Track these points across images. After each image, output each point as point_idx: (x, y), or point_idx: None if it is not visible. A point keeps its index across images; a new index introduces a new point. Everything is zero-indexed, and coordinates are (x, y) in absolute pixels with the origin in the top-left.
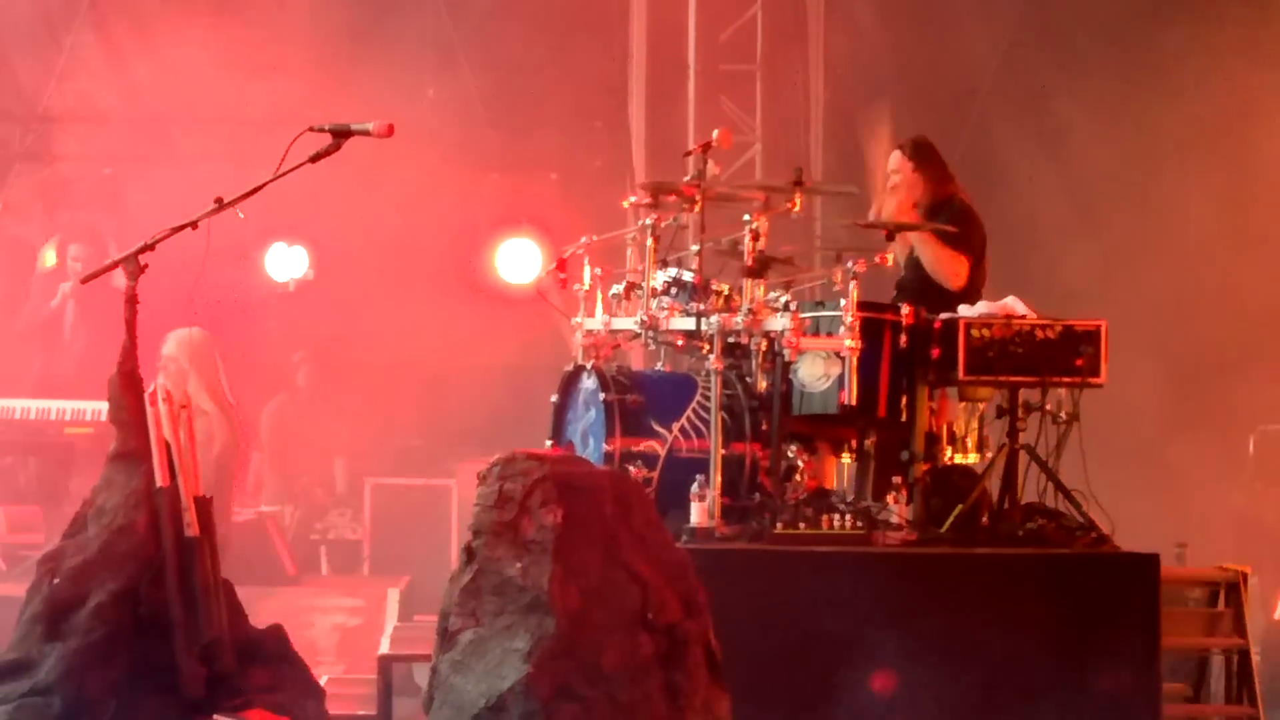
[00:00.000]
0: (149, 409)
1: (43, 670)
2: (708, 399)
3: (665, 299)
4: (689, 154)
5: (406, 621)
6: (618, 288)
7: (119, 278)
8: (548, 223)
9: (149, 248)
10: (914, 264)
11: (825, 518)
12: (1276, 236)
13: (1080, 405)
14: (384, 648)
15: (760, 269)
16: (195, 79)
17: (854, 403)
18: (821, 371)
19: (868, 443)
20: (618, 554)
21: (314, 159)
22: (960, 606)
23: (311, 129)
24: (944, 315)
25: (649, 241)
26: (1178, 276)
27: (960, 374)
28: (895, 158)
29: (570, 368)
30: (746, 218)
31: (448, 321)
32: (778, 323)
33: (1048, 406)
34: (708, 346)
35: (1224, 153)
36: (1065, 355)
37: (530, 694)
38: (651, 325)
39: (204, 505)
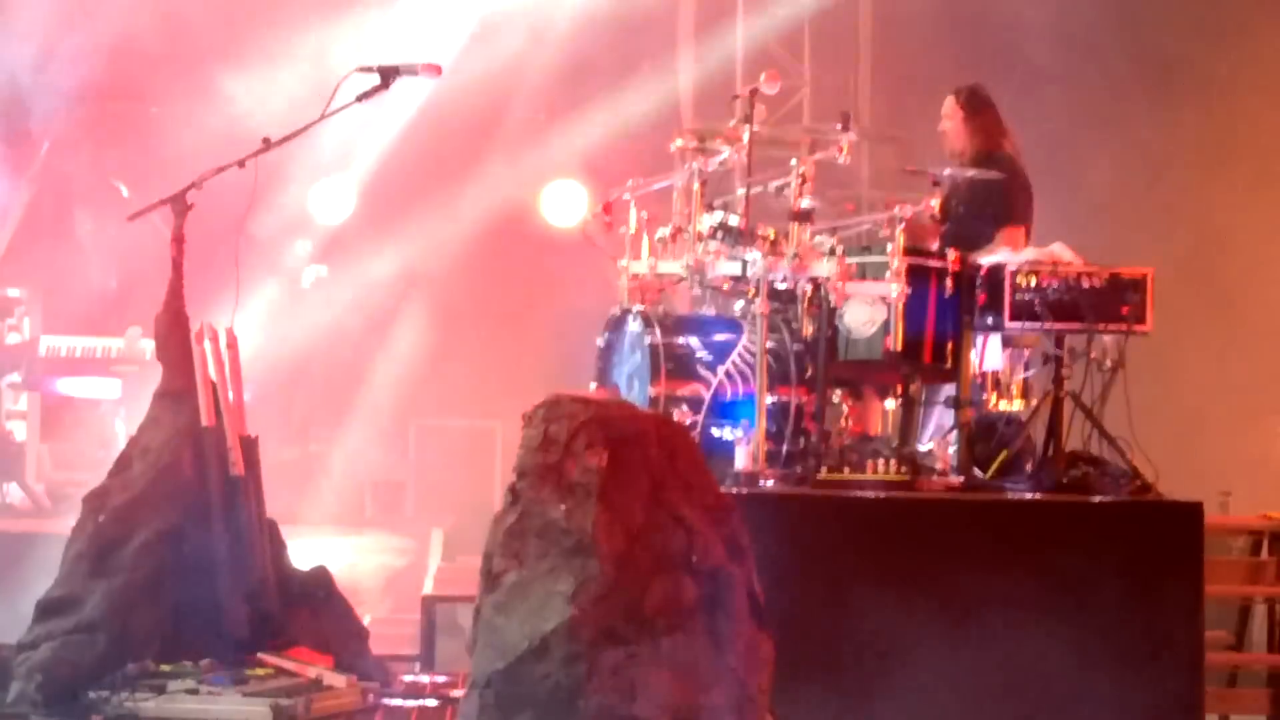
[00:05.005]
0: (195, 347)
1: (88, 607)
2: (753, 343)
3: (711, 243)
4: (736, 98)
5: (450, 562)
6: (664, 231)
7: None
8: (594, 166)
9: (195, 186)
10: (957, 212)
11: (869, 463)
12: None
13: (1125, 353)
14: (428, 588)
15: (807, 214)
16: (243, 18)
17: (899, 348)
18: (867, 317)
19: (913, 388)
20: (662, 497)
21: (361, 98)
22: (1004, 553)
23: (360, 69)
24: (990, 261)
25: (695, 185)
26: (1217, 227)
27: (1006, 320)
28: (948, 103)
29: (616, 311)
30: (794, 162)
31: (493, 263)
32: (824, 268)
33: (1093, 354)
34: (754, 291)
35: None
36: (1111, 303)
37: (573, 636)
38: (698, 269)
39: (249, 444)
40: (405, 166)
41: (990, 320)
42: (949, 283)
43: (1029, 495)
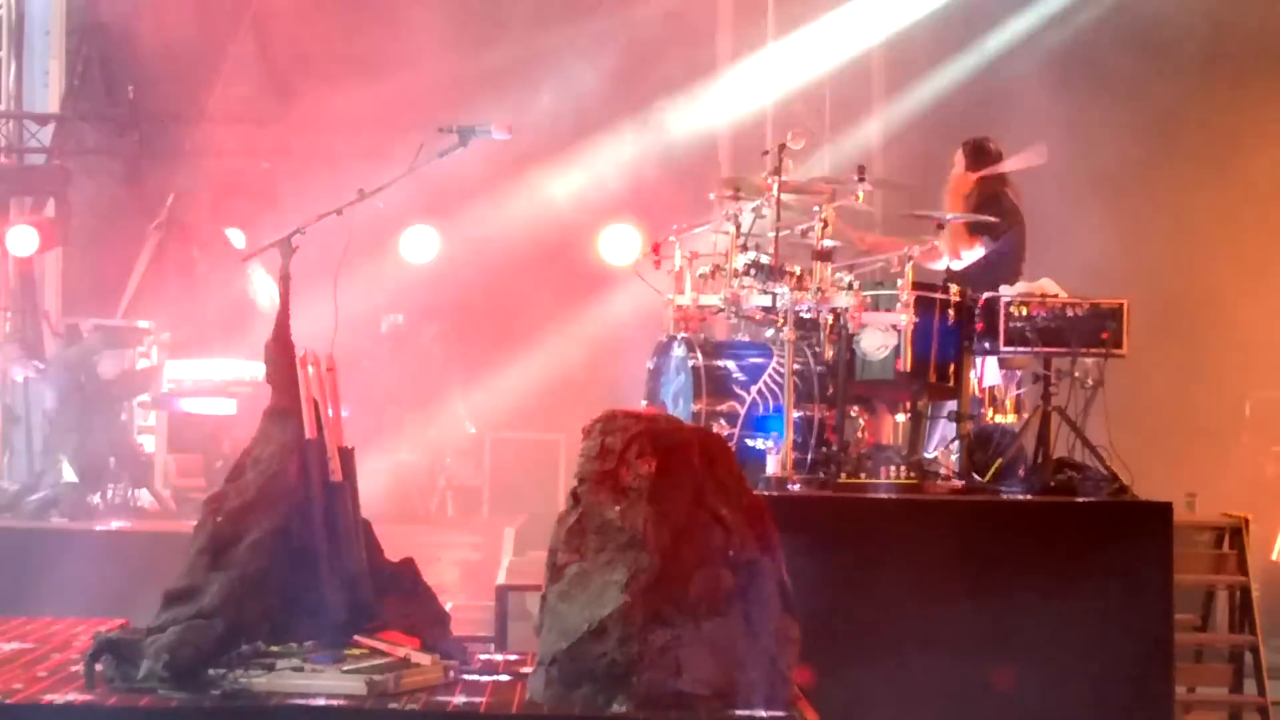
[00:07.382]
0: (299, 371)
1: (207, 596)
2: (782, 366)
3: (746, 279)
4: (767, 153)
5: (520, 556)
6: (705, 269)
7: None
8: (645, 211)
9: (300, 232)
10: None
11: (882, 469)
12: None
13: (1104, 373)
14: (501, 579)
15: (828, 253)
16: (341, 86)
17: (909, 369)
18: (880, 342)
19: (920, 404)
20: (703, 499)
21: (443, 155)
22: (1000, 546)
23: (441, 130)
24: (987, 294)
25: (732, 229)
26: (1182, 257)
27: (1001, 345)
28: (958, 154)
29: (663, 338)
30: (816, 208)
31: (557, 297)
32: (843, 300)
33: (1076, 374)
34: (782, 320)
35: (1230, 146)
36: (1092, 329)
37: (627, 620)
38: (734, 302)
39: (347, 454)
40: (480, 213)
41: (987, 345)
42: (951, 312)
43: (1021, 497)
